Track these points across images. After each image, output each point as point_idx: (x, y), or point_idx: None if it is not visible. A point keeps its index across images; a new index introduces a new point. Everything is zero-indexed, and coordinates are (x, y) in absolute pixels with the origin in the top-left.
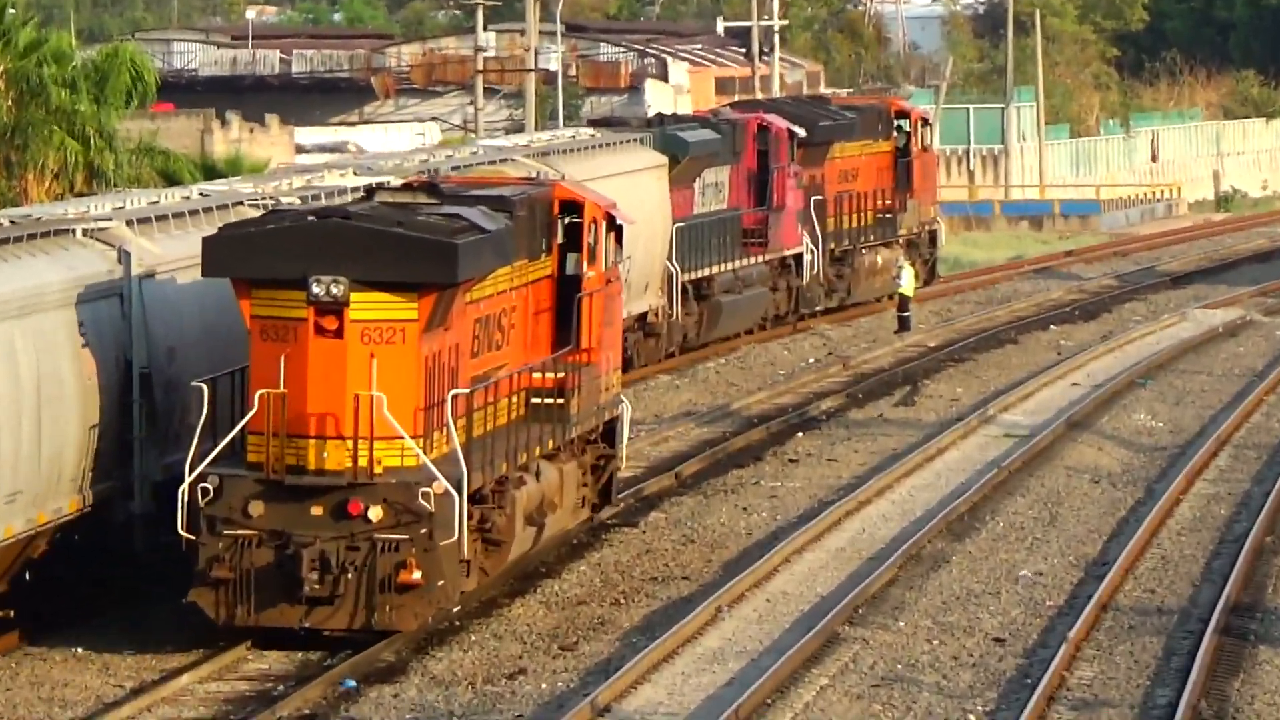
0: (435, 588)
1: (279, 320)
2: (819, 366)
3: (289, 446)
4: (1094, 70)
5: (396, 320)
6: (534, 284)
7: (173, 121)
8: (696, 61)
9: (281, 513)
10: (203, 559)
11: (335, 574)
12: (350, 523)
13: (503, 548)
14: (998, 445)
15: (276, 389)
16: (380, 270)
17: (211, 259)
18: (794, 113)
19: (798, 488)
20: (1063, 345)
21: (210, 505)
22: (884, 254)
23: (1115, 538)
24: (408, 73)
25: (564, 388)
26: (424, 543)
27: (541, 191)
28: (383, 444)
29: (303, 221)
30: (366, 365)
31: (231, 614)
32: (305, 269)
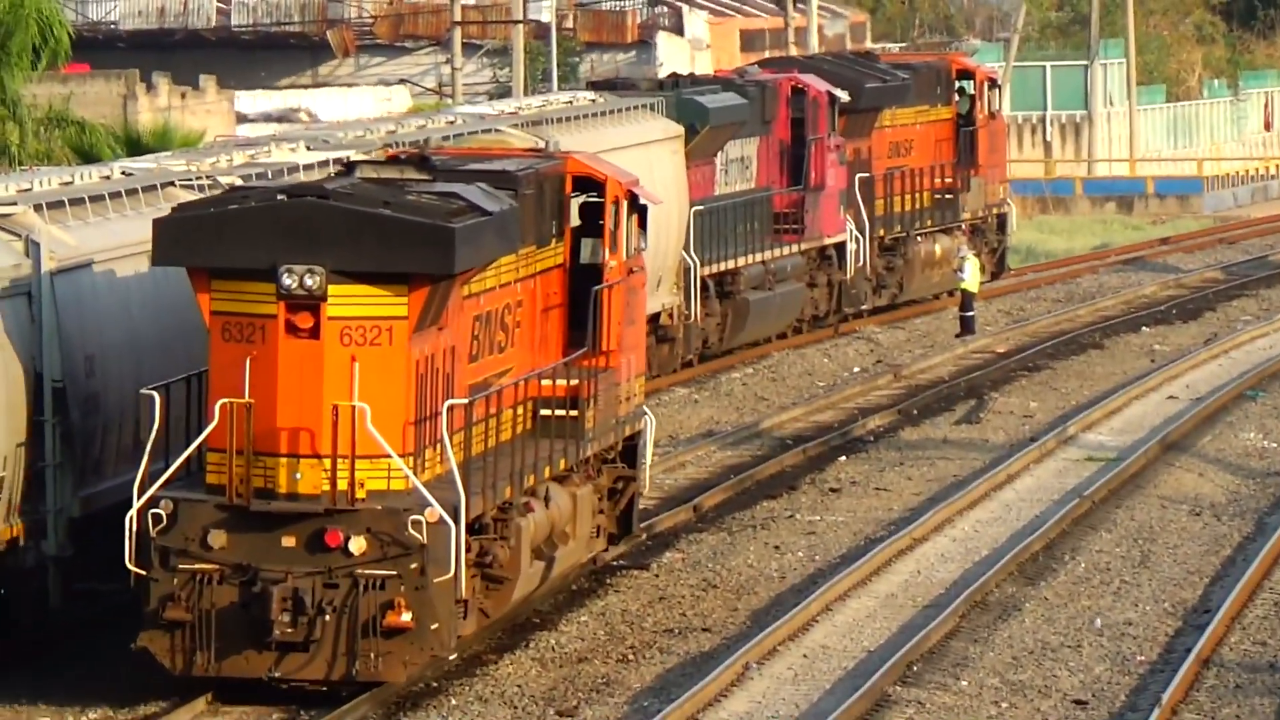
0: (427, 632)
1: (244, 317)
2: (865, 377)
3: (256, 466)
4: (1196, 20)
5: (382, 318)
6: (543, 275)
7: (89, 85)
8: (718, 11)
9: (247, 544)
10: (155, 598)
11: (310, 616)
12: (328, 556)
13: (506, 585)
14: (1079, 471)
15: (241, 398)
16: (363, 259)
17: (164, 245)
18: (835, 72)
19: (840, 522)
20: (1157, 351)
21: (163, 535)
22: (943, 242)
23: (1219, 580)
24: (371, 25)
25: (578, 397)
26: (414, 580)
27: (551, 166)
28: (366, 463)
29: (271, 200)
30: (347, 371)
31: (189, 662)
32: (275, 257)
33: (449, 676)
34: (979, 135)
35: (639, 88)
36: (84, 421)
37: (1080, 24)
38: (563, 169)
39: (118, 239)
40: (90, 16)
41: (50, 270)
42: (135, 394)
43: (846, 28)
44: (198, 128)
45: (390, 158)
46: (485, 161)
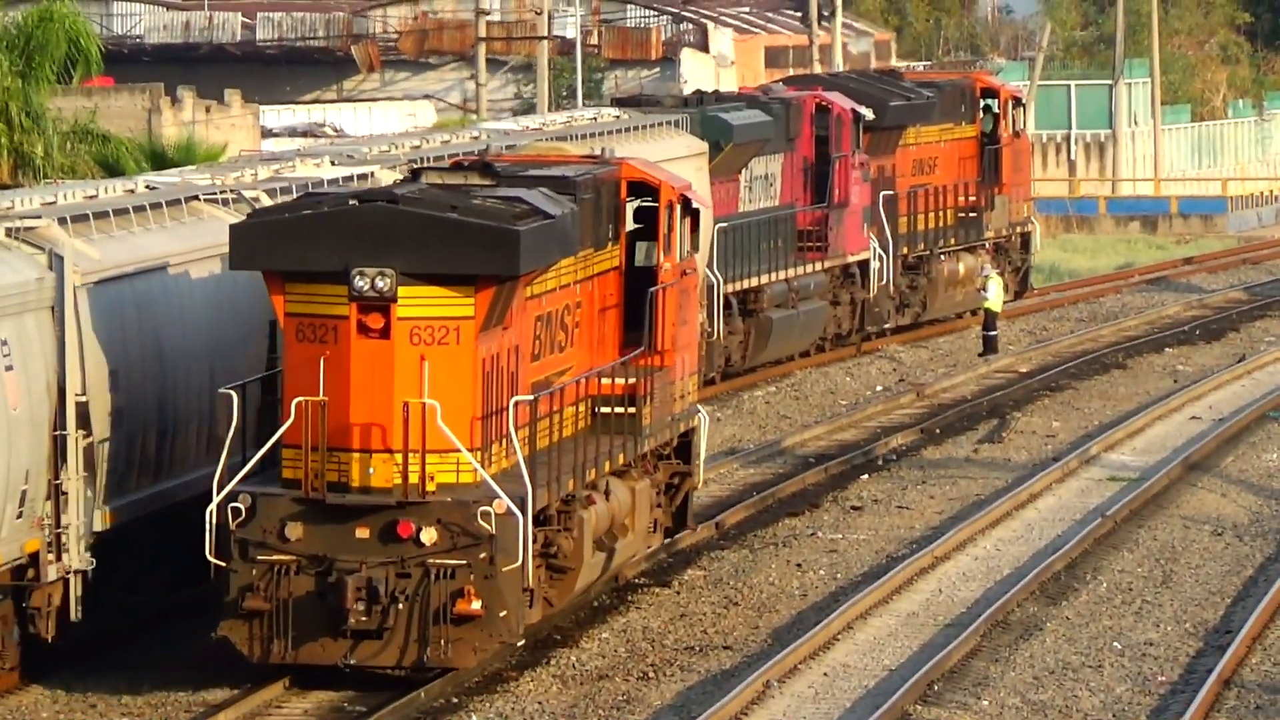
0: (496, 619)
1: (317, 318)
2: (888, 396)
3: (330, 461)
4: (1221, 40)
5: (450, 318)
6: (600, 277)
7: (114, 99)
8: (743, 28)
9: (322, 535)
10: (234, 588)
11: (384, 604)
12: (400, 546)
13: (569, 575)
14: (1101, 491)
15: (315, 396)
16: (432, 261)
17: (239, 249)
18: (860, 90)
19: (862, 540)
20: (1180, 371)
21: (242, 527)
22: (967, 261)
23: (1241, 601)
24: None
25: (635, 395)
26: (484, 569)
27: (608, 171)
28: (436, 458)
29: (343, 206)
30: (417, 369)
31: (267, 650)
32: (347, 260)
33: (469, 693)
34: (1003, 154)
35: (663, 104)
36: (107, 436)
37: (1105, 43)
38: (618, 174)
39: (141, 253)
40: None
41: (74, 284)
42: (158, 408)
43: (871, 46)
44: (222, 142)
45: (454, 164)
46: (544, 168)
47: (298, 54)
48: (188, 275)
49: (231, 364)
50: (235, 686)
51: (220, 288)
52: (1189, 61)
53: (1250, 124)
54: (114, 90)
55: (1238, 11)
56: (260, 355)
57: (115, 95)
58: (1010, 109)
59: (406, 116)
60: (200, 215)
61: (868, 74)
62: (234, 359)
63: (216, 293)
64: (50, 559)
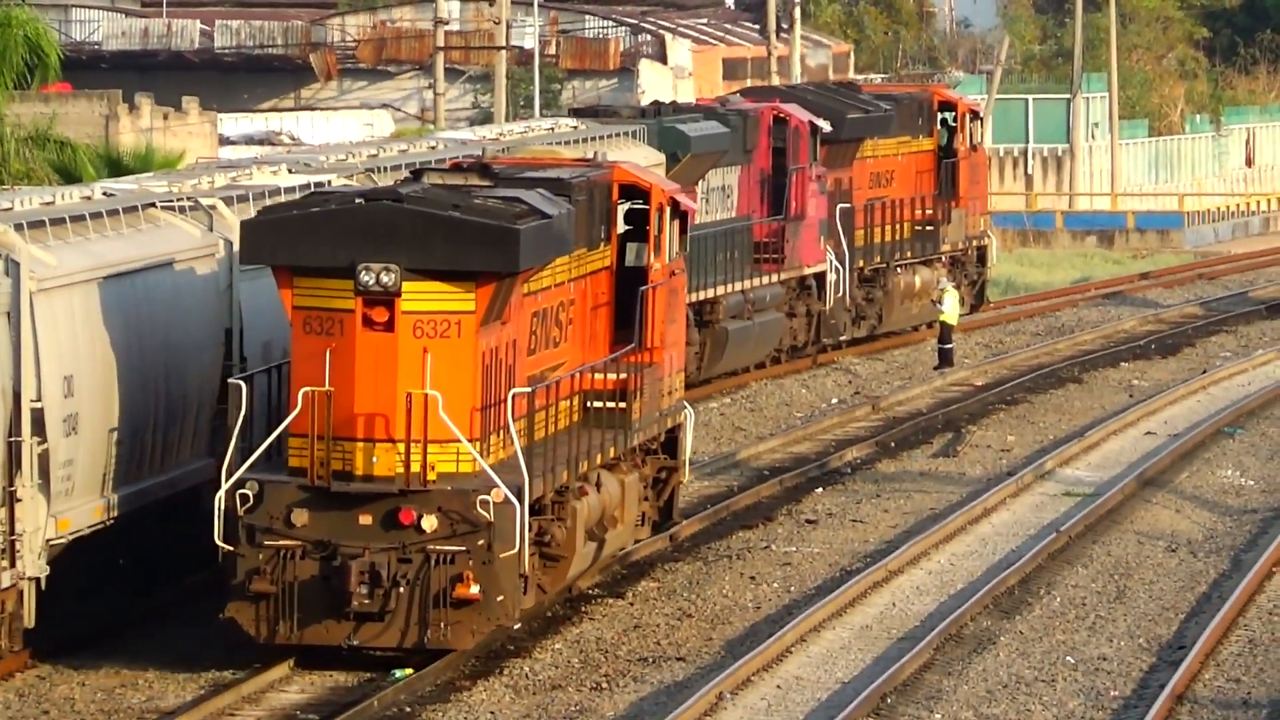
0: (494, 604)
1: (324, 311)
2: (843, 408)
3: (335, 450)
4: (1179, 55)
5: (452, 312)
6: (592, 275)
7: (71, 105)
8: (701, 39)
9: (327, 521)
10: (241, 571)
11: (386, 588)
12: (402, 533)
13: (562, 564)
14: (1056, 506)
15: (321, 387)
16: (435, 258)
17: (250, 245)
18: (817, 103)
19: (816, 554)
20: (1135, 386)
21: (249, 513)
22: (923, 274)
23: (1194, 617)
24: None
25: (625, 390)
26: (482, 555)
27: (601, 174)
28: (437, 447)
29: (350, 204)
30: (419, 361)
31: (273, 631)
32: (353, 256)
33: (422, 702)
34: (960, 167)
35: (621, 115)
36: (62, 442)
37: (1063, 57)
38: (610, 178)
39: (98, 259)
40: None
41: (30, 290)
42: (110, 415)
43: (829, 58)
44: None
45: (454, 165)
46: (541, 170)
47: (256, 62)
48: (144, 282)
49: (188, 370)
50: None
51: (177, 294)
52: (1147, 76)
53: (1208, 139)
54: (72, 96)
55: (1196, 27)
56: (216, 362)
57: (73, 101)
58: (968, 122)
59: (364, 125)
60: (157, 222)
61: (826, 86)
62: (191, 365)
63: (173, 299)
64: (4, 565)
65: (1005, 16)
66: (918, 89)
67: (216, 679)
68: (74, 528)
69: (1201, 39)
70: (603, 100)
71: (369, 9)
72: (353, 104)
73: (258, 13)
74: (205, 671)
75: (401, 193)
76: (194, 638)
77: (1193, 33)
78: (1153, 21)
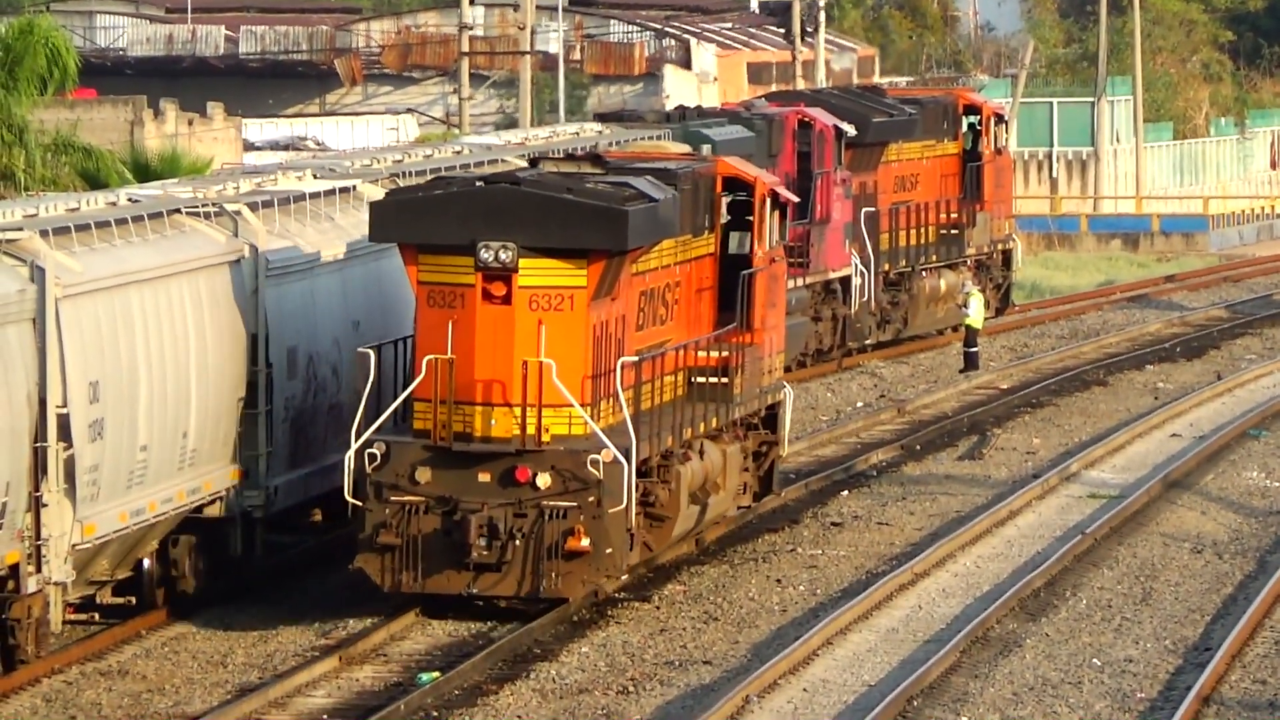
0: (603, 556)
1: (447, 286)
2: (869, 411)
3: (456, 413)
4: (1203, 58)
5: (565, 287)
6: (696, 261)
7: (96, 111)
8: (726, 44)
9: (449, 479)
10: (370, 525)
11: (503, 540)
12: (518, 489)
13: (666, 524)
14: (1081, 508)
15: (444, 355)
16: (549, 236)
17: (379, 224)
18: (842, 106)
19: (842, 556)
20: (1161, 389)
21: (377, 471)
22: (948, 278)
23: (1221, 618)
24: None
25: (728, 367)
26: (592, 510)
27: (705, 167)
28: (550, 411)
29: (471, 187)
30: (535, 332)
31: (397, 580)
32: (474, 235)
33: (449, 706)
34: (985, 171)
35: (646, 120)
36: (87, 447)
37: (1088, 60)
38: (715, 170)
39: (124, 265)
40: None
41: (55, 296)
42: (135, 420)
43: (854, 62)
44: (205, 155)
45: (569, 155)
46: (649, 161)
47: (281, 67)
48: (169, 287)
49: (214, 376)
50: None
51: (202, 300)
52: (1171, 79)
53: (1232, 142)
54: (96, 102)
55: (1220, 30)
56: (242, 367)
57: (98, 107)
58: (992, 126)
59: (389, 130)
60: (182, 228)
61: (850, 90)
62: (216, 371)
63: (198, 305)
64: (30, 570)
65: (1029, 20)
66: (942, 93)
67: (243, 682)
68: (100, 533)
69: (1226, 42)
70: (628, 105)
71: (394, 14)
72: (378, 109)
73: (283, 18)
74: (231, 676)
75: (520, 177)
76: (221, 641)
77: (1217, 36)
78: (1177, 25)
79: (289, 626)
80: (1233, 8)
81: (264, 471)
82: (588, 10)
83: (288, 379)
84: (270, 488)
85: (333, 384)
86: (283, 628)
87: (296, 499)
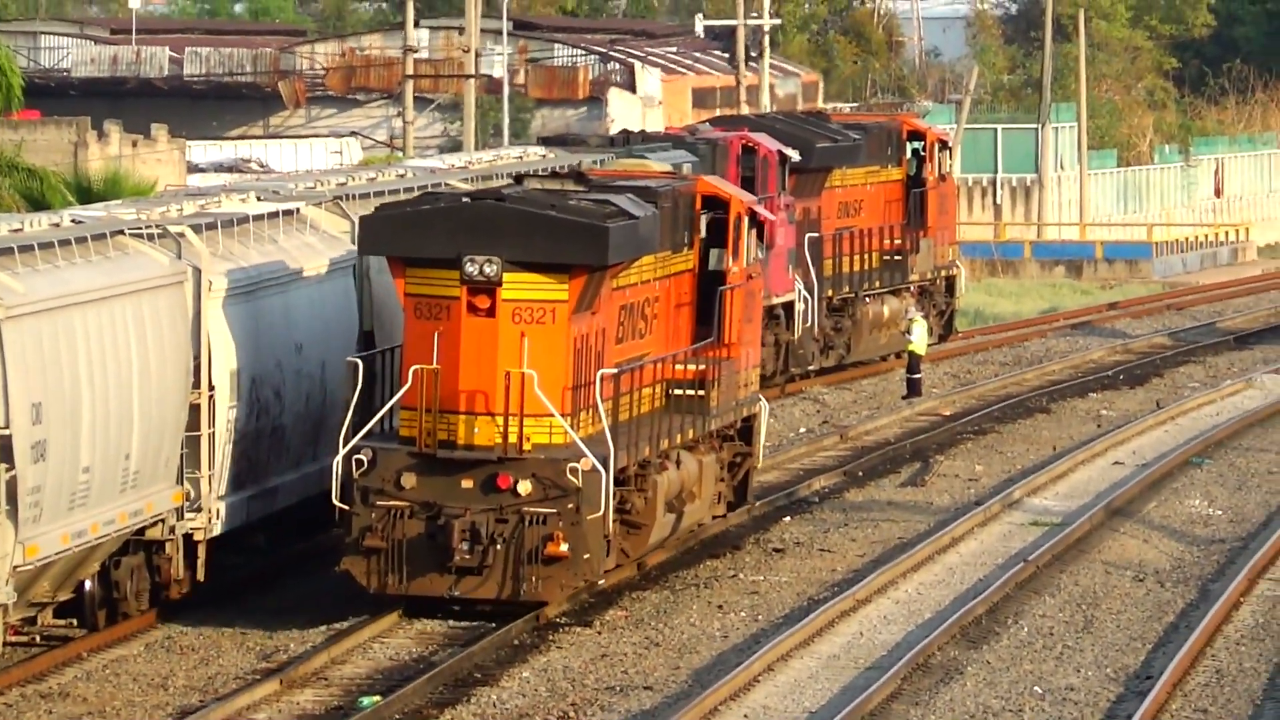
0: (581, 561)
1: (433, 298)
2: (811, 438)
3: (440, 421)
4: (1148, 85)
5: (547, 300)
6: (675, 277)
7: (39, 132)
8: (670, 68)
9: (433, 485)
10: (356, 528)
11: (484, 545)
12: (499, 496)
13: (643, 531)
14: (1023, 535)
15: (430, 365)
16: (532, 251)
17: (367, 238)
18: (786, 131)
19: (784, 582)
20: (1104, 416)
21: (364, 477)
22: (892, 303)
23: (1162, 647)
24: (323, 77)
25: (704, 380)
26: (571, 517)
27: (685, 185)
28: (532, 420)
29: (457, 203)
30: (517, 343)
31: (383, 582)
32: (460, 249)
33: None
34: (929, 197)
35: (589, 144)
36: (30, 469)
37: (1032, 87)
38: (695, 188)
39: (67, 286)
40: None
41: None
42: (78, 441)
43: (799, 87)
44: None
45: (552, 173)
46: (630, 180)
47: (225, 89)
48: (112, 309)
49: (156, 397)
50: None
51: (144, 322)
52: (1116, 106)
53: (1176, 169)
54: (40, 123)
55: (1165, 57)
56: (184, 389)
57: (42, 128)
58: (936, 152)
59: (332, 153)
60: (126, 250)
61: (795, 115)
62: (158, 392)
63: (141, 327)
64: None
65: (974, 46)
66: (886, 118)
67: (184, 705)
68: (42, 555)
69: (1171, 69)
70: (571, 129)
71: (338, 37)
72: (321, 132)
73: (227, 40)
74: (172, 698)
75: (504, 193)
76: (163, 663)
77: (1162, 63)
78: (1122, 51)
79: (231, 648)
80: (1177, 35)
81: (207, 493)
82: (532, 34)
83: (230, 401)
84: (213, 510)
85: (275, 406)
86: (225, 650)
87: (239, 521)
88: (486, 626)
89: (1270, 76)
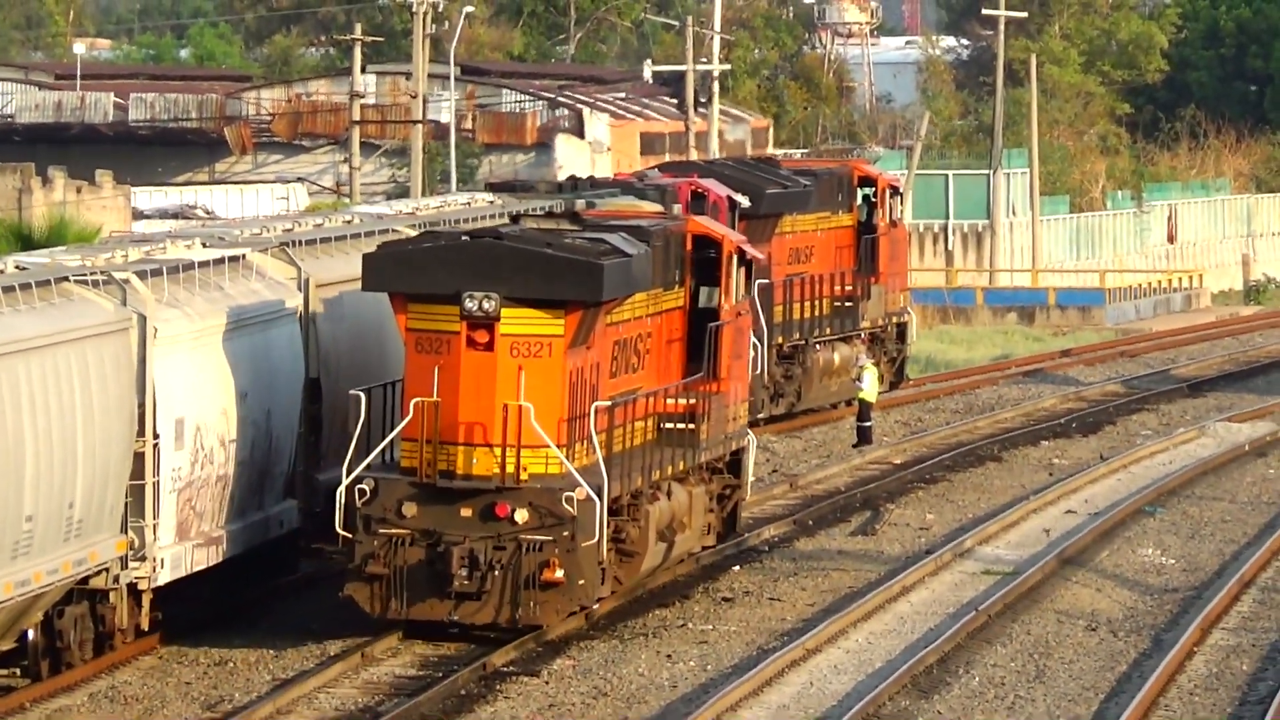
0: (576, 586)
1: (433, 333)
2: (761, 486)
3: (440, 452)
4: (1100, 130)
5: (544, 335)
6: (667, 314)
7: None
8: (619, 113)
9: (433, 514)
10: (359, 555)
11: (483, 571)
12: (497, 524)
13: (636, 559)
14: (975, 584)
15: (430, 398)
16: (530, 288)
17: (370, 274)
18: (736, 177)
19: (733, 632)
20: (1056, 464)
21: (366, 506)
22: (842, 351)
23: (1114, 697)
24: (269, 123)
25: (694, 413)
26: (566, 544)
27: (676, 225)
28: (529, 451)
29: (456, 241)
30: (515, 377)
31: (385, 607)
32: (459, 285)
33: None
34: (880, 243)
35: (537, 189)
36: None
37: (984, 133)
38: (685, 228)
39: (10, 334)
40: None
41: None
42: (21, 490)
43: (748, 132)
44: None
45: (548, 214)
46: (623, 219)
47: (170, 135)
48: (56, 356)
49: (99, 445)
50: None
51: (88, 370)
52: (1068, 152)
53: (1129, 215)
54: None
55: (1117, 103)
56: (129, 436)
57: None
58: (888, 198)
59: (279, 199)
60: (70, 296)
61: (744, 161)
62: (102, 440)
63: (85, 374)
64: None
65: (925, 92)
66: (837, 164)
67: None
68: None
69: (1123, 115)
70: (520, 174)
71: (284, 82)
72: (268, 177)
73: (172, 86)
74: None
75: (502, 232)
76: (106, 714)
77: (1114, 108)
78: (1074, 97)
79: (175, 698)
80: (1130, 80)
81: (151, 542)
82: (480, 79)
83: (175, 449)
84: (157, 559)
85: (220, 454)
86: (169, 700)
87: (184, 571)
88: (434, 676)
89: (1223, 122)
